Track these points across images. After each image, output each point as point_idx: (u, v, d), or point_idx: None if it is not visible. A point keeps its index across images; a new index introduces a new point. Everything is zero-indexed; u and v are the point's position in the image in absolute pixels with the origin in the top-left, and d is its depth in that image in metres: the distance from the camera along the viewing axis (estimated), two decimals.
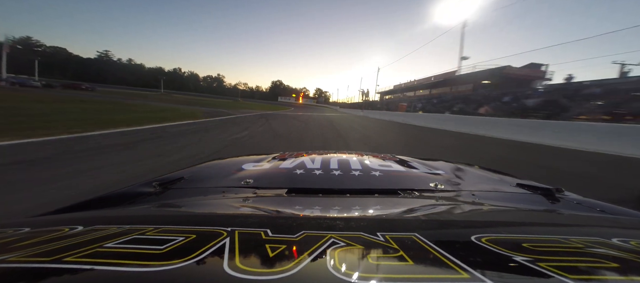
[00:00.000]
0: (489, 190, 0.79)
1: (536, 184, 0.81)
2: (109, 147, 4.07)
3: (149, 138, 5.19)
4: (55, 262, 0.26)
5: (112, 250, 0.28)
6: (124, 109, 11.32)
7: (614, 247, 0.34)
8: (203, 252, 0.28)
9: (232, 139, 5.93)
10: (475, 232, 0.36)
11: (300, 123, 12.04)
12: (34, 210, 0.93)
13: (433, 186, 0.77)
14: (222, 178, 0.83)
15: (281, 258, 0.27)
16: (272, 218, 0.47)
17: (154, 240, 0.31)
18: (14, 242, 0.33)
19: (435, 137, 9.21)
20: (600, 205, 0.68)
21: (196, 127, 7.59)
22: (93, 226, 0.37)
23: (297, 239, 0.32)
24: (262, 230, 0.34)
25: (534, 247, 0.32)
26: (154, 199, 0.66)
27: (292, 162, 0.96)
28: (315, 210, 0.56)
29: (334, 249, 0.29)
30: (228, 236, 0.32)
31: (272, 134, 7.39)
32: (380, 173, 0.84)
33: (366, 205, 0.61)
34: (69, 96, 17.48)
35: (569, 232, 0.43)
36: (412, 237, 0.33)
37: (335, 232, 0.34)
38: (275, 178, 0.84)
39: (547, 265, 0.27)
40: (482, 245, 0.32)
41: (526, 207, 0.67)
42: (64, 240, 0.31)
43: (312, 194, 0.70)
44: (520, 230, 0.41)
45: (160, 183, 0.75)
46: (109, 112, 9.46)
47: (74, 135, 4.73)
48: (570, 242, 0.35)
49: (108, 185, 2.37)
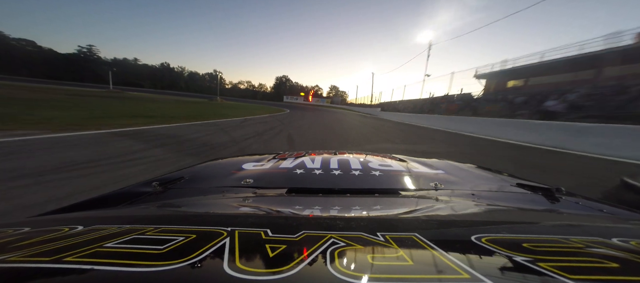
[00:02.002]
0: (489, 190, 0.79)
1: (536, 184, 0.81)
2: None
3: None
4: (55, 262, 0.26)
5: (112, 250, 0.28)
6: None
7: (614, 247, 0.34)
8: (203, 252, 0.28)
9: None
10: (475, 232, 0.36)
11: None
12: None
13: (433, 186, 0.77)
14: (222, 178, 0.83)
15: (281, 258, 0.27)
16: (272, 218, 0.47)
17: (154, 240, 0.31)
18: (14, 242, 0.33)
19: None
20: (600, 205, 0.68)
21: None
22: (93, 226, 0.38)
23: (297, 239, 0.32)
24: (262, 230, 0.34)
25: (534, 247, 0.32)
26: (154, 199, 0.66)
27: (292, 161, 0.96)
28: (315, 210, 0.56)
29: (334, 249, 0.29)
30: (228, 236, 0.32)
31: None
32: (381, 173, 0.84)
33: (366, 205, 0.61)
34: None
35: (569, 232, 0.43)
36: (412, 237, 0.33)
37: (336, 232, 0.34)
38: (275, 178, 0.84)
39: (547, 265, 0.27)
40: (482, 245, 0.32)
41: (526, 207, 0.67)
42: (64, 240, 0.31)
43: (312, 194, 0.70)
44: (520, 230, 0.41)
45: (160, 183, 0.75)
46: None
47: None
48: (570, 242, 0.35)
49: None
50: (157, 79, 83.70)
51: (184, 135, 5.44)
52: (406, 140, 8.00)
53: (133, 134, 4.95)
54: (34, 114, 6.14)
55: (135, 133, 5.06)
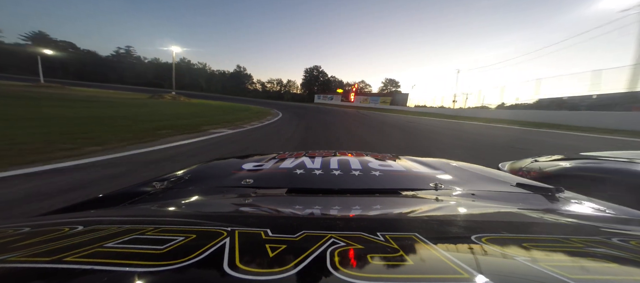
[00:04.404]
0: (489, 190, 0.79)
1: (536, 184, 0.81)
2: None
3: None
4: (55, 262, 0.26)
5: (112, 250, 0.28)
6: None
7: (614, 247, 0.34)
8: (203, 251, 0.28)
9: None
10: (475, 232, 0.36)
11: None
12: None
13: (433, 186, 0.77)
14: (222, 178, 0.83)
15: (281, 258, 0.27)
16: (272, 218, 0.47)
17: (154, 240, 0.31)
18: (14, 242, 0.33)
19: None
20: (601, 205, 0.68)
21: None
22: (93, 226, 0.38)
23: (297, 239, 0.32)
24: (262, 230, 0.34)
25: (534, 247, 0.32)
26: (154, 199, 0.66)
27: (292, 161, 0.96)
28: (315, 210, 0.56)
29: (334, 249, 0.29)
30: (228, 236, 0.32)
31: None
32: (380, 173, 0.84)
33: (366, 205, 0.61)
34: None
35: (569, 232, 0.43)
36: (412, 237, 0.33)
37: (335, 231, 0.34)
38: (275, 178, 0.84)
39: (547, 265, 0.27)
40: (482, 245, 0.32)
41: (526, 207, 0.67)
42: (64, 240, 0.31)
43: (312, 194, 0.70)
44: (520, 230, 0.42)
45: (160, 183, 0.75)
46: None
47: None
48: (570, 242, 0.35)
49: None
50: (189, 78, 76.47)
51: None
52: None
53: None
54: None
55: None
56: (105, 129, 5.07)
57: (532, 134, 9.79)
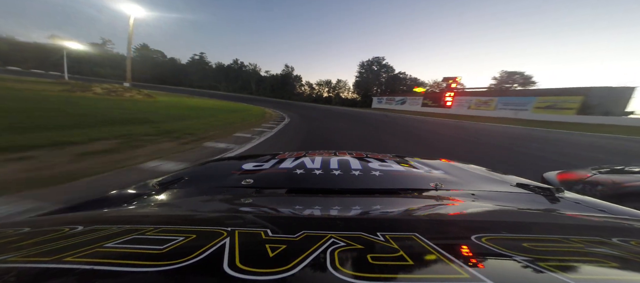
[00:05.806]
0: (489, 190, 0.79)
1: (536, 184, 0.81)
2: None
3: None
4: (55, 262, 0.26)
5: (112, 250, 0.28)
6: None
7: (614, 247, 0.34)
8: (203, 251, 0.28)
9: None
10: (475, 232, 0.36)
11: None
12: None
13: (433, 186, 0.77)
14: (222, 179, 0.83)
15: (281, 258, 0.27)
16: (272, 218, 0.47)
17: (154, 240, 0.31)
18: (14, 241, 0.33)
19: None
20: (601, 205, 0.68)
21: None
22: (93, 226, 0.38)
23: (297, 239, 0.32)
24: (262, 230, 0.34)
25: (534, 247, 0.32)
26: (154, 199, 0.66)
27: (292, 162, 0.96)
28: (315, 210, 0.56)
29: (334, 249, 0.29)
30: (228, 236, 0.32)
31: None
32: (380, 173, 0.84)
33: (366, 205, 0.61)
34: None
35: (569, 232, 0.43)
36: (412, 237, 0.33)
37: (335, 231, 0.34)
38: (275, 178, 0.84)
39: (547, 265, 0.27)
40: (482, 245, 0.32)
41: (526, 207, 0.67)
42: (64, 240, 0.31)
43: (312, 194, 0.70)
44: (520, 230, 0.41)
45: (160, 183, 0.75)
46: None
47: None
48: (570, 242, 0.35)
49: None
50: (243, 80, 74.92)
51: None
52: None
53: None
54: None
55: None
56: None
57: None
